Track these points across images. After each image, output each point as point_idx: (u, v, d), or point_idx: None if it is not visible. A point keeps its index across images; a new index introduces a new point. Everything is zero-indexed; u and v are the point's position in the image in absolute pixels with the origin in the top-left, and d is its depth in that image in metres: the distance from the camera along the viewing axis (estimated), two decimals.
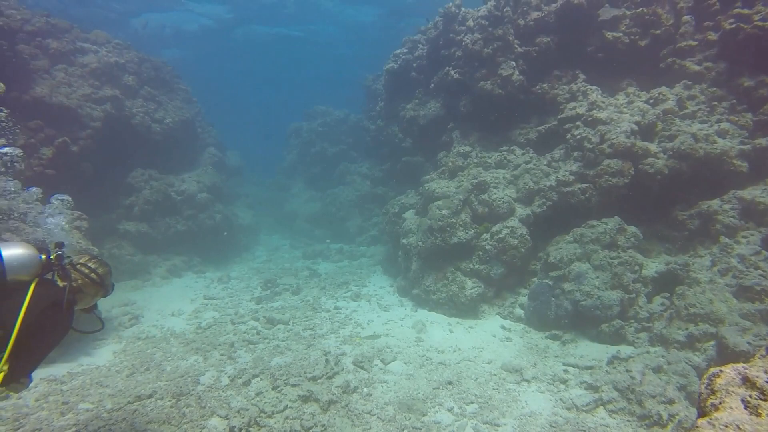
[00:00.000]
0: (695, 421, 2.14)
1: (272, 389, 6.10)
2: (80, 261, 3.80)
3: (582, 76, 10.58)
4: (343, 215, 18.37)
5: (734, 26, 8.95)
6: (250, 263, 14.57)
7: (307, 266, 13.75)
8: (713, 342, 6.31)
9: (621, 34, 10.19)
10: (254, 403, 5.73)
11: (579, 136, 9.42)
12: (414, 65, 14.82)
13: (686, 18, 9.91)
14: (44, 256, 3.41)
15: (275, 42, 41.26)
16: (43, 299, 3.27)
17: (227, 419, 5.40)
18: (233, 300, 10.43)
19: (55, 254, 3.53)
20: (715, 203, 8.01)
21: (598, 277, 7.86)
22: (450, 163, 11.19)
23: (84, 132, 11.60)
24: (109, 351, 7.48)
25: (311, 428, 5.29)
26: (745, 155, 8.16)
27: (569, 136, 9.71)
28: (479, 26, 11.67)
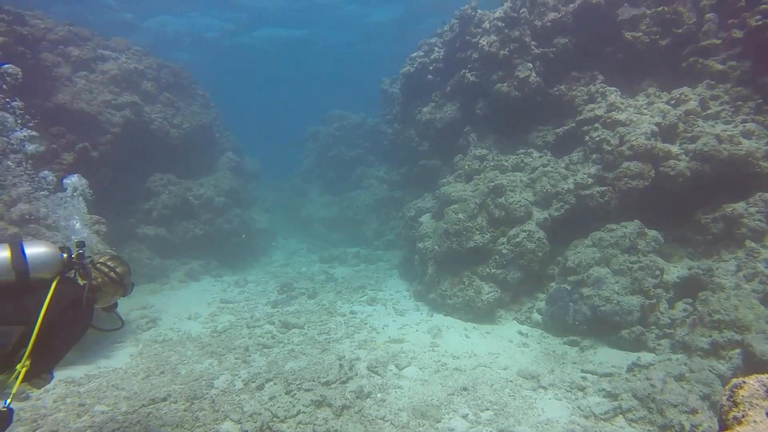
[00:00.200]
0: None
1: (285, 394, 6.08)
2: (100, 260, 3.87)
3: (600, 77, 10.39)
4: (360, 219, 18.41)
5: (761, 23, 8.67)
6: (268, 267, 14.66)
7: (324, 270, 13.78)
8: (739, 350, 6.09)
9: (641, 34, 9.96)
10: (267, 408, 5.71)
11: (598, 138, 9.24)
12: (430, 68, 14.73)
13: (709, 16, 9.63)
14: (66, 255, 3.48)
15: (285, 45, 41.75)
16: (65, 297, 3.32)
17: (240, 423, 5.40)
18: (249, 304, 10.49)
19: (77, 253, 3.60)
20: (741, 206, 7.75)
21: (618, 282, 7.67)
22: (466, 167, 11.08)
23: (104, 137, 11.82)
24: (126, 354, 7.57)
25: None
26: None
27: (587, 138, 9.53)
28: (495, 28, 11.55)
